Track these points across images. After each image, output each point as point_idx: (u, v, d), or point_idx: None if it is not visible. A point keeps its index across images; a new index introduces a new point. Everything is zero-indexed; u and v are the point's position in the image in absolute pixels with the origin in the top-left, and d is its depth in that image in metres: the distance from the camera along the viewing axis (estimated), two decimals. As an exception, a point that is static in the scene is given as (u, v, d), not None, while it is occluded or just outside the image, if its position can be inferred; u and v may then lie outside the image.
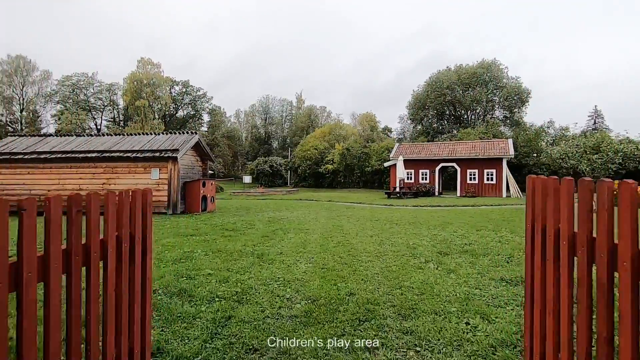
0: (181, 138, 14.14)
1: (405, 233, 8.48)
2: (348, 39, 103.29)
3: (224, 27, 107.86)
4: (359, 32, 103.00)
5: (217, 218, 11.99)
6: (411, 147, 26.68)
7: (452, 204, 17.61)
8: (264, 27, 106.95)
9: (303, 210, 15.11)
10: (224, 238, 7.88)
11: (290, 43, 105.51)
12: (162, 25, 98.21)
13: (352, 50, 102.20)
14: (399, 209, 15.58)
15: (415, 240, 7.50)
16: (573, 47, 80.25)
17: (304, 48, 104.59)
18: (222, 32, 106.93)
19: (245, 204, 19.04)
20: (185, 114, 79.64)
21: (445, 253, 6.18)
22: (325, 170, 40.22)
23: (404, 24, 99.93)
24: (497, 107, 46.05)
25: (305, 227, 9.78)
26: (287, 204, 18.83)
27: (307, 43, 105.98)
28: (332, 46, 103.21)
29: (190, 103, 78.86)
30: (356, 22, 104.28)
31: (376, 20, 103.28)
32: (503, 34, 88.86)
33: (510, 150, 22.69)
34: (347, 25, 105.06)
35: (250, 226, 9.93)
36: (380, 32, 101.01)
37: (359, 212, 14.11)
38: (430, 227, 9.40)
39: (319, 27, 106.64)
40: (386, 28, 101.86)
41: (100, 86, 72.10)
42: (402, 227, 9.61)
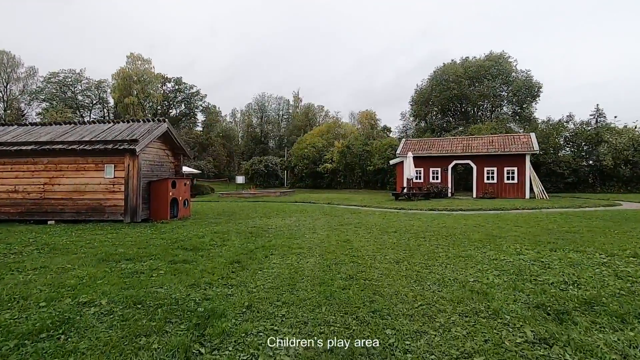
0: (144, 127, 11.29)
1: (447, 256, 5.68)
2: (347, 40, 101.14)
3: (223, 28, 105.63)
4: (358, 33, 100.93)
5: (184, 228, 9.16)
6: (420, 143, 23.93)
7: (474, 207, 14.85)
8: (263, 28, 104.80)
9: (298, 216, 12.31)
10: (172, 267, 5.07)
11: (290, 44, 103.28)
12: (162, 26, 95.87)
13: (351, 51, 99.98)
14: (415, 214, 12.79)
15: (474, 272, 4.70)
16: (571, 48, 78.02)
17: (304, 48, 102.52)
18: (222, 33, 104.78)
19: (231, 207, 16.21)
20: (179, 113, 76.72)
21: (554, 309, 3.37)
22: (324, 170, 37.42)
23: (404, 25, 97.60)
24: (506, 102, 43.38)
25: (298, 243, 6.98)
26: (280, 207, 16.02)
27: (306, 44, 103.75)
28: (332, 47, 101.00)
29: (184, 101, 75.95)
30: (356, 22, 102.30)
31: (376, 21, 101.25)
32: (502, 34, 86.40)
33: (535, 145, 19.99)
34: (346, 26, 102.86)
35: (222, 242, 7.12)
36: (380, 33, 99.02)
37: (367, 218, 11.32)
38: (477, 245, 6.60)
39: (319, 27, 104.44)
40: (386, 28, 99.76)
41: (88, 83, 69.19)
42: (436, 244, 6.81)
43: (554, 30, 79.64)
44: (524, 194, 20.16)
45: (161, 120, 11.72)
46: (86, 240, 7.35)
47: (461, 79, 41.08)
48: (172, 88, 74.02)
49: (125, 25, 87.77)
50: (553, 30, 79.54)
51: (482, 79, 41.90)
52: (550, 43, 78.50)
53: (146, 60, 65.38)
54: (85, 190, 10.56)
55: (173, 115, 76.09)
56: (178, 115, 76.35)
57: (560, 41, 78.52)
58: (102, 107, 74.59)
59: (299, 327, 3.01)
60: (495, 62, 41.69)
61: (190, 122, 77.85)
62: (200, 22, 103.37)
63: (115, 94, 61.40)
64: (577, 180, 27.15)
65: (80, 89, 68.15)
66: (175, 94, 74.78)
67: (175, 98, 74.78)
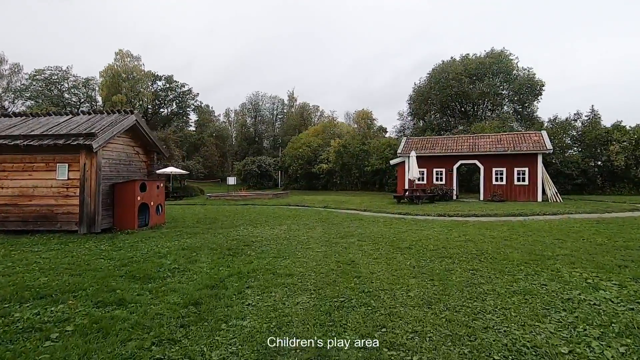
0: (107, 119, 9.53)
1: (495, 292, 4.03)
2: (345, 42, 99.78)
3: (221, 29, 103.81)
4: (356, 35, 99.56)
5: (149, 242, 7.43)
6: (422, 142, 22.35)
7: (487, 211, 13.27)
8: (261, 30, 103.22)
9: (290, 223, 10.63)
10: (92, 318, 3.35)
11: (287, 45, 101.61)
12: (160, 26, 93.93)
13: (349, 53, 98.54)
14: (425, 220, 11.15)
15: (555, 329, 3.05)
16: (565, 50, 77.05)
17: (301, 50, 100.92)
18: (219, 35, 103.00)
19: (216, 212, 14.47)
20: (170, 112, 74.61)
21: None
22: (319, 170, 35.73)
23: (401, 26, 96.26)
24: (507, 100, 42.02)
25: (287, 265, 5.30)
26: (271, 212, 14.32)
27: (304, 45, 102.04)
28: (329, 49, 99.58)
29: (175, 100, 73.86)
30: (353, 24, 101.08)
31: (373, 22, 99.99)
32: (499, 37, 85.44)
33: (547, 144, 18.50)
34: (344, 28, 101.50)
35: (188, 264, 5.42)
36: (377, 34, 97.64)
37: (371, 227, 9.66)
38: (526, 271, 4.96)
39: (316, 29, 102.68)
40: (384, 30, 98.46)
41: (76, 81, 66.92)
42: (469, 268, 5.16)
43: (547, 33, 78.77)
44: (536, 196, 18.65)
45: (128, 111, 9.95)
46: (8, 263, 5.60)
47: (461, 76, 39.65)
48: (163, 86, 71.90)
49: (119, 24, 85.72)
50: (546, 33, 78.65)
51: (483, 77, 40.52)
52: (543, 45, 77.60)
53: (135, 57, 63.29)
54: (33, 195, 8.77)
55: (164, 115, 74.06)
56: (169, 115, 74.34)
57: (553, 44, 77.62)
58: (91, 105, 72.34)
59: None
60: (496, 60, 40.33)
61: (181, 121, 75.84)
62: (197, 23, 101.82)
63: (103, 91, 59.27)
64: (586, 181, 25.75)
65: (67, 87, 65.82)
66: (167, 92, 72.66)
67: (167, 97, 72.63)
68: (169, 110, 74.30)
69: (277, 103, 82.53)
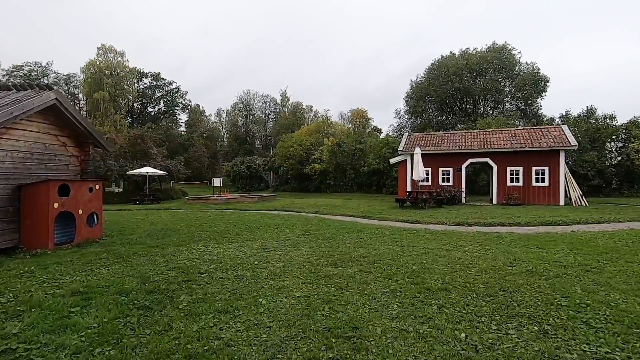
0: (11, 97, 6.87)
1: None
2: (340, 44, 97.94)
3: (216, 30, 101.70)
4: (351, 37, 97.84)
5: (39, 275, 4.83)
6: (426, 139, 19.89)
7: (512, 219, 10.82)
8: (255, 33, 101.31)
9: (267, 237, 8.07)
10: None
11: (282, 47, 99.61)
12: (154, 27, 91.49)
13: (342, 56, 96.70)
14: (444, 233, 8.64)
15: None
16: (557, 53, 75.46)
17: (295, 53, 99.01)
18: (214, 36, 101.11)
19: (182, 220, 11.83)
20: (157, 110, 71.52)
21: None
22: (312, 171, 33.14)
23: (395, 30, 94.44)
24: (510, 97, 39.89)
25: (233, 337, 2.74)
26: (249, 219, 11.73)
27: (298, 48, 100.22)
28: (324, 50, 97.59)
29: (162, 98, 70.80)
30: (348, 27, 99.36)
31: (369, 25, 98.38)
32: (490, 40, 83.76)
33: (571, 139, 16.17)
34: (339, 31, 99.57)
35: (51, 333, 2.83)
36: (372, 37, 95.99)
37: (375, 243, 7.14)
38: None
39: (311, 32, 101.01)
40: (378, 33, 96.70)
41: (56, 77, 63.74)
42: (564, 343, 2.62)
43: (539, 36, 77.10)
44: (558, 199, 16.29)
45: (44, 86, 7.30)
46: None
47: (462, 71, 37.42)
48: (150, 84, 68.86)
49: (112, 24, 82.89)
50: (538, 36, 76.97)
51: (485, 72, 38.36)
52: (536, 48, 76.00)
53: (119, 53, 60.09)
54: None
55: (150, 113, 71.03)
56: (157, 113, 71.31)
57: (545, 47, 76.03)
58: (74, 103, 69.02)
59: None
60: (498, 54, 38.18)
61: (169, 120, 72.82)
62: (192, 24, 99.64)
63: (85, 88, 56.07)
64: (602, 182, 23.53)
65: (46, 84, 62.46)
66: (154, 90, 69.58)
67: (153, 95, 69.53)
68: (156, 109, 71.22)
69: (269, 102, 79.94)
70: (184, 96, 72.38)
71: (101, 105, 54.71)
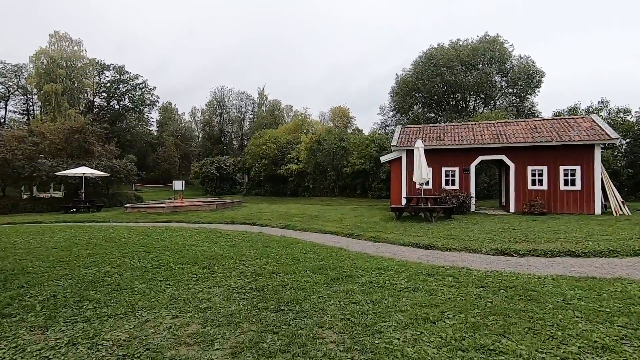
0: None
1: None
2: (324, 47, 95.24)
3: (198, 31, 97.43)
4: (335, 39, 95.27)
5: None
6: (425, 131, 16.22)
7: (579, 242, 7.23)
8: (239, 32, 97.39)
9: (167, 300, 4.04)
10: None
11: (265, 50, 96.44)
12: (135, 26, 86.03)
13: (327, 58, 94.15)
14: (500, 277, 4.85)
15: None
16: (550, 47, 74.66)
17: (279, 55, 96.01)
18: (196, 38, 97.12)
19: (63, 245, 7.55)
20: (121, 107, 65.48)
21: None
22: (287, 172, 29.05)
23: (380, 32, 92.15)
24: (501, 94, 37.10)
25: None
26: (172, 246, 7.58)
27: (282, 50, 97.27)
28: (308, 53, 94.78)
29: (127, 93, 64.87)
30: (333, 29, 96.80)
31: (353, 29, 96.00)
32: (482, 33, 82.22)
33: (609, 132, 12.88)
34: (323, 33, 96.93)
35: None
36: (356, 41, 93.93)
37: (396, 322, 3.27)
38: None
39: (295, 34, 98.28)
40: (362, 36, 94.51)
41: (4, 68, 57.11)
42: None
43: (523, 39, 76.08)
44: (592, 207, 12.92)
45: None
46: None
47: (453, 63, 34.31)
48: (113, 78, 62.91)
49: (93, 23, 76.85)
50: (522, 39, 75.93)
51: (476, 65, 35.41)
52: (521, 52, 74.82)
53: (76, 41, 54.26)
54: None
55: (115, 109, 65.01)
56: (121, 110, 65.31)
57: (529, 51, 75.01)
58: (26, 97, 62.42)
59: None
60: (490, 45, 35.30)
61: (134, 117, 67.00)
62: (175, 24, 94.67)
63: (34, 79, 49.90)
64: (617, 185, 20.60)
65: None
66: (117, 84, 63.56)
67: (117, 89, 63.53)
68: (120, 105, 65.21)
69: (245, 100, 75.15)
70: (152, 92, 66.62)
71: (53, 99, 48.75)
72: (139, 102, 64.33)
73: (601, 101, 22.82)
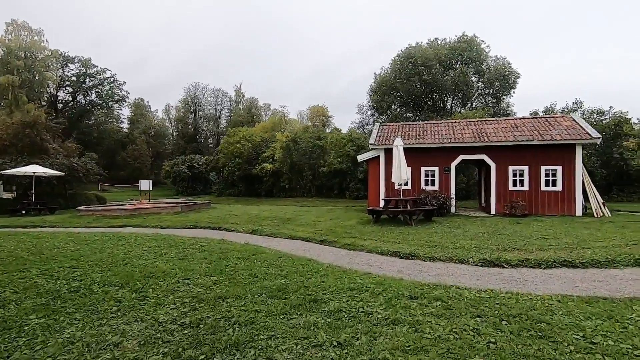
0: None
1: None
2: (306, 47, 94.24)
3: (178, 29, 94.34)
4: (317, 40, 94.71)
5: None
6: (404, 129, 15.52)
7: (571, 249, 6.62)
8: (218, 30, 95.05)
9: None
10: None
11: (246, 49, 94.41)
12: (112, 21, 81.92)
13: (309, 58, 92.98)
14: (496, 297, 4.02)
15: None
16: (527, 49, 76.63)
17: (261, 57, 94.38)
18: (176, 38, 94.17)
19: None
20: (88, 102, 61.90)
21: None
22: (262, 172, 27.83)
23: (362, 34, 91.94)
24: (480, 93, 37.24)
25: None
26: (103, 259, 6.40)
27: (264, 50, 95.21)
28: (289, 53, 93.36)
29: (94, 88, 61.37)
30: (314, 31, 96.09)
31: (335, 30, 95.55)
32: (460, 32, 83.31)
33: (590, 131, 12.56)
34: (304, 35, 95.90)
35: None
36: (338, 42, 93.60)
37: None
38: None
39: (277, 36, 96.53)
40: (344, 37, 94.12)
41: (-45, 58, 52.66)
42: None
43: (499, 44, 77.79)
44: (574, 208, 12.55)
45: None
46: None
47: (431, 62, 34.06)
48: (79, 71, 59.34)
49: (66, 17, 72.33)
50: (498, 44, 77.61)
51: (454, 65, 35.36)
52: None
53: (36, 31, 50.85)
54: None
55: (81, 104, 61.45)
56: (87, 106, 61.80)
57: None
58: (-21, 90, 57.84)
59: None
60: (467, 45, 35.31)
61: (103, 113, 63.69)
62: (154, 20, 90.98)
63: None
64: (592, 185, 20.69)
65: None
66: (84, 78, 60.00)
67: (83, 83, 59.98)
68: (87, 100, 61.64)
69: (221, 97, 72.86)
70: (121, 87, 63.36)
71: (9, 92, 45.30)
72: (107, 97, 61.08)
73: (575, 102, 23.04)
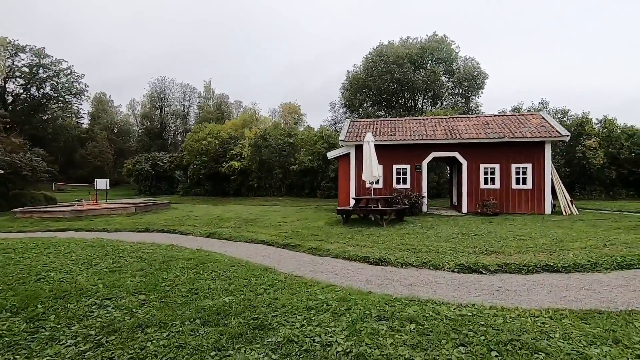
0: None
1: None
2: (280, 45, 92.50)
3: (146, 24, 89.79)
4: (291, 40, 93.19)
5: None
6: (376, 125, 14.97)
7: (552, 252, 6.21)
8: (189, 25, 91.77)
9: None
10: None
11: (218, 47, 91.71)
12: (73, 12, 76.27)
13: (283, 56, 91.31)
14: (483, 316, 3.37)
15: None
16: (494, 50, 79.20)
17: (234, 56, 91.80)
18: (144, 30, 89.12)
19: None
20: (41, 95, 57.56)
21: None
22: (229, 170, 26.58)
23: (335, 35, 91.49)
24: (447, 94, 37.66)
25: None
26: (15, 273, 5.31)
27: (236, 48, 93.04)
28: (263, 53, 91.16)
29: (49, 80, 57.12)
30: (289, 30, 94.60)
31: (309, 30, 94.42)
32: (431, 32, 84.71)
33: (559, 129, 12.52)
34: (279, 35, 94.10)
35: None
36: (312, 42, 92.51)
37: None
38: None
39: (251, 34, 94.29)
40: (317, 37, 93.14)
41: None
42: None
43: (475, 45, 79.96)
44: (543, 207, 12.46)
45: None
46: None
47: (403, 60, 33.99)
48: (31, 61, 55.04)
49: None
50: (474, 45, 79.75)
51: (425, 64, 35.52)
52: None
53: (-20, 16, 46.51)
54: None
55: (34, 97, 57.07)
56: (41, 99, 57.49)
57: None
58: None
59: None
60: (438, 44, 35.56)
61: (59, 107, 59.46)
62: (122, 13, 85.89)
63: None
64: (556, 183, 21.17)
65: None
66: (37, 69, 55.70)
67: (36, 75, 55.70)
68: (40, 92, 57.29)
69: (189, 92, 70.09)
70: (80, 79, 59.36)
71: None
72: (62, 90, 57.02)
73: (542, 102, 23.46)
